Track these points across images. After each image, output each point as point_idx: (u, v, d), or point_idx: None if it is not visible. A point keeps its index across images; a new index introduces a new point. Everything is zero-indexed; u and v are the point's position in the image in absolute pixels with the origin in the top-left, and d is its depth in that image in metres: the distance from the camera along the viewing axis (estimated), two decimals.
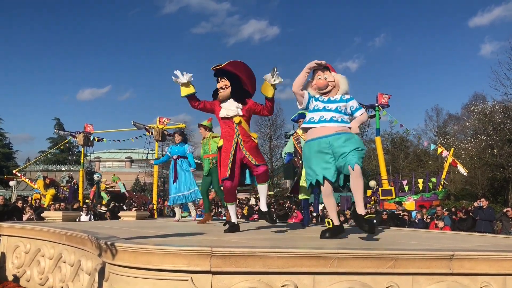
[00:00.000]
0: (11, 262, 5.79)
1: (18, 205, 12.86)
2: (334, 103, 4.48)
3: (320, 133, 4.38)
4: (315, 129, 4.42)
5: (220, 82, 5.08)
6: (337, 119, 4.39)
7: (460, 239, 5.14)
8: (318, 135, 4.38)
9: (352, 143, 4.25)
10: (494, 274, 3.34)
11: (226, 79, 5.05)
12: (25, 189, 31.20)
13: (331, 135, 4.31)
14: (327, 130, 4.35)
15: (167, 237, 4.45)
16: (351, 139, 4.28)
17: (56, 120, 50.62)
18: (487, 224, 11.23)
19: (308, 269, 3.16)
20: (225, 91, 5.05)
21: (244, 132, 5.08)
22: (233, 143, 5.05)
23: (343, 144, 4.23)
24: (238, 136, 5.05)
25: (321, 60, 4.49)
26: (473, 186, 35.01)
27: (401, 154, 42.30)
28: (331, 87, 4.53)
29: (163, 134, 18.67)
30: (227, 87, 5.04)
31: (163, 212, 18.69)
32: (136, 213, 9.17)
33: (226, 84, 5.05)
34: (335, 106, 4.46)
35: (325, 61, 4.52)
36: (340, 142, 4.25)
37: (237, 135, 5.06)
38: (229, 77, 5.04)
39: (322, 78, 4.52)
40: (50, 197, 18.92)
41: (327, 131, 4.34)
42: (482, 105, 34.83)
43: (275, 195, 36.01)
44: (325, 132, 4.35)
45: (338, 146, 4.25)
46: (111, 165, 55.72)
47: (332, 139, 4.29)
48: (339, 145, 4.24)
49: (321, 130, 4.39)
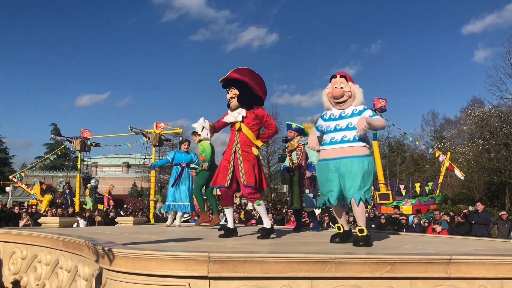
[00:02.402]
0: (8, 268, 5.75)
1: (14, 211, 12.80)
2: (345, 119, 4.41)
3: (329, 155, 4.38)
4: (326, 150, 4.44)
5: (229, 92, 5.05)
6: (349, 139, 4.32)
7: (457, 243, 5.15)
8: (326, 157, 4.40)
9: (358, 175, 4.19)
10: (491, 278, 3.35)
11: (234, 88, 5.01)
12: (22, 194, 31.04)
13: (338, 158, 4.28)
14: (336, 152, 4.33)
15: (164, 242, 4.43)
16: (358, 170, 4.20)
17: (53, 126, 50.52)
18: (483, 228, 11.25)
19: (306, 274, 3.16)
20: (234, 100, 5.02)
21: (244, 141, 4.99)
22: (232, 151, 5.02)
23: (349, 177, 4.21)
24: (237, 145, 5.01)
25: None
26: (470, 190, 35.10)
27: (398, 159, 42.37)
28: (346, 97, 4.43)
29: (160, 139, 18.66)
30: (236, 96, 5.01)
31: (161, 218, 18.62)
32: (133, 218, 9.14)
33: (235, 93, 5.01)
34: (346, 124, 4.39)
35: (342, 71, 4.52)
36: (347, 169, 4.22)
37: (235, 143, 5.03)
38: (237, 85, 5.00)
39: (339, 87, 4.43)
40: (47, 202, 18.85)
41: (336, 154, 4.32)
42: (479, 110, 35.00)
43: (273, 200, 35.96)
44: (334, 155, 4.33)
45: (343, 175, 4.24)
46: (108, 171, 55.51)
47: (339, 162, 4.27)
48: (344, 175, 4.23)
49: (331, 152, 4.37)
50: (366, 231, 4.25)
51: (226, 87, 5.09)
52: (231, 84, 5.02)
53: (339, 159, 4.28)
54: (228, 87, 5.07)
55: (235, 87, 5.00)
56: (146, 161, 21.71)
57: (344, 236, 4.55)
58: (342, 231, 4.59)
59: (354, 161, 4.23)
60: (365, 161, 4.26)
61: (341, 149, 4.31)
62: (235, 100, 5.00)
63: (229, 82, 5.03)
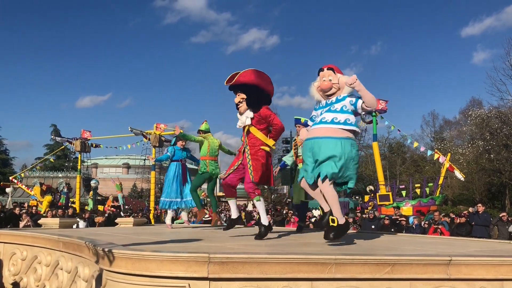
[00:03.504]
0: (8, 269, 5.75)
1: (15, 212, 12.81)
2: (327, 105, 4.42)
3: (308, 135, 4.46)
4: (308, 132, 4.53)
5: (237, 96, 5.10)
6: (326, 120, 4.29)
7: (457, 244, 5.15)
8: (306, 137, 4.47)
9: (329, 149, 4.15)
10: (491, 279, 3.34)
11: (241, 93, 5.05)
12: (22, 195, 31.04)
13: (313, 138, 4.31)
14: (313, 132, 4.38)
15: (164, 243, 4.44)
16: (330, 145, 4.17)
17: (53, 127, 50.55)
18: (483, 229, 11.24)
19: (306, 275, 3.16)
20: (243, 104, 5.06)
21: (253, 142, 5.07)
22: (241, 152, 5.20)
23: (319, 151, 4.21)
24: (246, 146, 5.12)
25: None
26: (470, 191, 35.10)
27: (398, 160, 42.38)
28: (335, 89, 4.41)
29: (160, 140, 18.65)
30: (243, 100, 5.04)
31: (161, 218, 18.63)
32: (133, 219, 9.14)
33: (243, 97, 5.04)
34: (328, 108, 4.39)
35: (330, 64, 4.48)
36: (319, 148, 4.22)
37: (245, 145, 5.15)
38: (245, 89, 5.03)
39: (327, 79, 4.43)
40: (47, 203, 18.85)
41: (313, 134, 4.37)
42: (479, 111, 35.00)
43: (273, 201, 35.94)
44: (311, 135, 4.39)
45: (315, 154, 4.25)
46: (108, 171, 55.51)
47: (313, 142, 4.29)
48: (316, 153, 4.24)
49: (310, 133, 4.45)
50: (338, 221, 4.14)
51: (233, 90, 5.12)
52: (238, 87, 5.05)
53: (313, 139, 4.31)
54: (235, 90, 5.11)
55: (243, 91, 5.04)
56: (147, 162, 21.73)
57: (340, 230, 4.29)
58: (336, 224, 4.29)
59: (326, 141, 4.20)
60: (339, 142, 4.18)
61: (318, 129, 4.33)
62: (244, 105, 5.05)
63: (236, 86, 5.06)
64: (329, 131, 4.25)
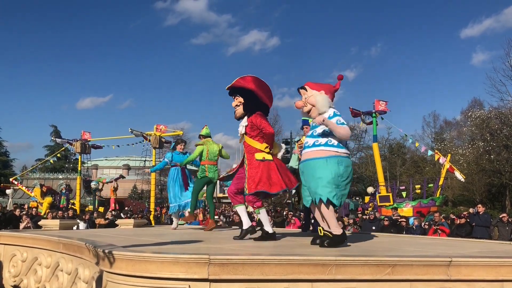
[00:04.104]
0: (8, 271, 5.76)
1: (15, 213, 12.81)
2: (314, 128, 4.50)
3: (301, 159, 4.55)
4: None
5: (234, 100, 5.10)
6: (309, 144, 4.42)
7: (457, 245, 5.15)
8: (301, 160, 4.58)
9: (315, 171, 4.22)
10: (492, 280, 3.34)
11: (239, 96, 5.04)
12: (22, 197, 31.05)
13: (304, 161, 4.43)
14: (303, 156, 4.48)
15: (164, 245, 4.44)
16: (316, 166, 4.23)
17: (53, 128, 50.58)
18: (483, 230, 11.24)
19: (306, 276, 3.16)
20: (239, 108, 5.05)
21: (249, 150, 5.02)
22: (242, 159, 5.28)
23: (308, 174, 4.31)
24: (244, 154, 5.15)
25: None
26: (471, 192, 35.09)
27: (398, 161, 42.38)
28: (308, 108, 4.50)
29: (161, 141, 18.66)
30: (240, 104, 5.04)
31: (161, 219, 18.63)
32: (134, 221, 9.15)
33: (240, 101, 5.04)
34: (311, 132, 4.51)
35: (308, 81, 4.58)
36: (307, 170, 4.33)
37: (243, 153, 5.20)
38: (243, 93, 5.02)
39: (303, 98, 4.55)
40: (47, 205, 18.87)
41: (303, 157, 4.48)
42: (479, 111, 35.02)
43: (273, 202, 35.90)
44: (302, 158, 4.51)
45: (306, 175, 4.36)
46: (108, 173, 55.48)
47: (303, 165, 4.43)
48: (306, 174, 4.35)
49: (302, 156, 4.53)
50: (333, 233, 4.25)
51: (232, 94, 5.13)
52: (237, 92, 5.05)
53: (303, 162, 4.45)
54: (233, 95, 5.11)
55: (241, 95, 5.04)
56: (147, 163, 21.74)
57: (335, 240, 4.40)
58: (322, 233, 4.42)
59: (312, 163, 4.30)
60: (323, 161, 4.21)
61: (306, 153, 4.44)
62: (240, 108, 5.04)
63: (235, 90, 5.06)
64: (313, 153, 4.34)
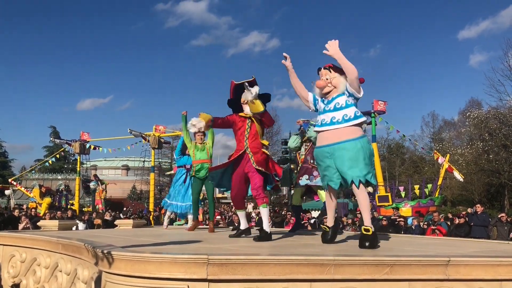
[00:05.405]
0: (7, 271, 5.75)
1: (14, 214, 12.80)
2: (332, 101, 4.37)
3: (322, 142, 4.35)
4: (320, 136, 4.40)
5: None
6: (338, 119, 4.25)
7: (456, 245, 5.16)
8: (320, 144, 4.36)
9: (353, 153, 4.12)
10: (490, 279, 3.35)
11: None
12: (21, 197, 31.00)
13: (333, 144, 4.21)
14: (328, 137, 4.27)
15: (163, 245, 4.44)
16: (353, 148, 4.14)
17: (52, 129, 50.53)
18: (482, 230, 11.25)
19: (305, 276, 3.17)
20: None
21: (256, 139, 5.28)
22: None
23: (342, 156, 4.15)
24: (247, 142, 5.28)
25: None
26: (470, 192, 35.12)
27: (397, 161, 42.44)
28: (329, 88, 4.41)
29: (160, 141, 18.67)
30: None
31: (160, 220, 18.62)
32: (133, 221, 9.14)
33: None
34: (333, 105, 4.34)
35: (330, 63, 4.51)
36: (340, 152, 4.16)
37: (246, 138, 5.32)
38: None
39: (324, 78, 4.45)
40: (46, 205, 18.85)
41: (328, 139, 4.26)
42: (477, 111, 35.06)
43: (272, 202, 35.93)
44: (326, 141, 4.28)
45: (340, 163, 4.17)
46: (107, 173, 55.45)
47: (333, 148, 4.21)
48: (339, 157, 4.17)
49: (323, 138, 4.33)
50: (372, 230, 4.15)
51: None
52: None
53: (332, 145, 4.23)
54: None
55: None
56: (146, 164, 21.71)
57: (332, 231, 4.58)
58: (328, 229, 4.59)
59: (347, 145, 4.16)
60: (359, 143, 4.18)
61: (332, 132, 4.26)
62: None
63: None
64: (344, 133, 4.21)
